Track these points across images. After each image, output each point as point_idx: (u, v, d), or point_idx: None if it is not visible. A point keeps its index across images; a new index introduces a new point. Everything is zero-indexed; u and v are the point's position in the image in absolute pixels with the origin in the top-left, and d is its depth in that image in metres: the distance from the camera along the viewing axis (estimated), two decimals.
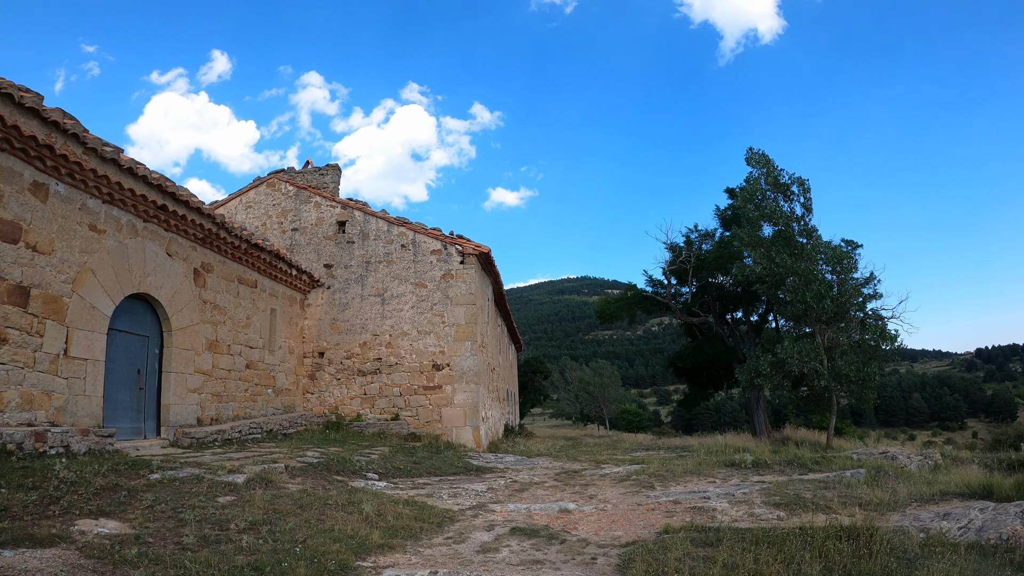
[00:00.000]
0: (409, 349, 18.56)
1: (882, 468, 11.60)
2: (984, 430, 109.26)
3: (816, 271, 21.80)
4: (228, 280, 15.53)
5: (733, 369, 31.02)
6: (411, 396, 18.27)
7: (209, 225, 14.09)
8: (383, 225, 19.74)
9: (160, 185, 12.14)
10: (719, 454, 15.19)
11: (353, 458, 12.23)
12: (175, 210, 12.82)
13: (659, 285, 32.93)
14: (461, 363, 18.11)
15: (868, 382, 21.56)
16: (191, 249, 14.03)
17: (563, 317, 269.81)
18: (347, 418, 18.36)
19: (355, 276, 19.47)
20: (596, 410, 74.20)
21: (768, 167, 23.88)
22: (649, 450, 18.79)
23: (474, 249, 18.70)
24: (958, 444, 70.36)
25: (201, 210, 13.67)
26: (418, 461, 13.38)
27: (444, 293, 18.67)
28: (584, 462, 15.23)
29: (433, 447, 15.95)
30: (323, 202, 20.46)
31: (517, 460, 15.58)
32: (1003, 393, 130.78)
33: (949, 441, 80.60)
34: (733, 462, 12.51)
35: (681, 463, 12.96)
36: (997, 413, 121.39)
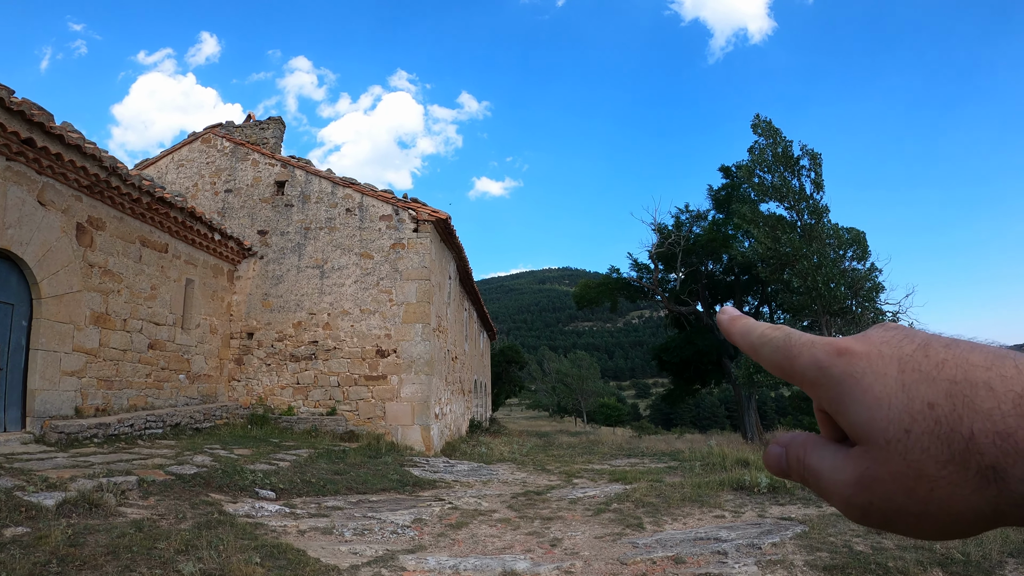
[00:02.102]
0: (350, 331, 15.60)
1: None
2: None
3: (827, 254, 19.06)
4: (127, 241, 12.54)
5: (723, 364, 28.26)
6: (351, 387, 15.32)
7: (95, 170, 11.08)
8: (327, 186, 16.74)
9: (24, 112, 9.13)
10: (717, 468, 12.44)
11: (251, 467, 9.42)
12: (46, 147, 9.85)
13: (644, 270, 29.92)
14: (410, 349, 15.16)
15: None
16: (74, 199, 11.07)
17: (543, 307, 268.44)
18: (277, 411, 15.43)
19: (292, 245, 16.48)
20: (574, 402, 71.84)
21: (776, 137, 21.08)
22: (631, 456, 15.99)
23: (430, 215, 15.74)
24: None
25: (83, 150, 10.63)
26: (342, 471, 10.53)
27: (393, 266, 15.71)
28: (553, 473, 12.41)
29: (371, 450, 13.11)
30: (261, 160, 17.44)
31: (471, 469, 12.71)
32: None
33: None
34: (742, 483, 9.68)
35: (674, 483, 10.13)
36: None
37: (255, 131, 18.54)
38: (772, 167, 20.76)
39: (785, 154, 20.73)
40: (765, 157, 21.02)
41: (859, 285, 19.43)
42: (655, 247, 27.77)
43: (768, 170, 20.82)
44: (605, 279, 30.36)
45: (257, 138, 18.38)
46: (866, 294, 19.57)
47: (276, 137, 18.61)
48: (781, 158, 20.69)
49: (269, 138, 18.43)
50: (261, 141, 18.29)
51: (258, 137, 18.41)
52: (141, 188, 12.31)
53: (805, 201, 20.21)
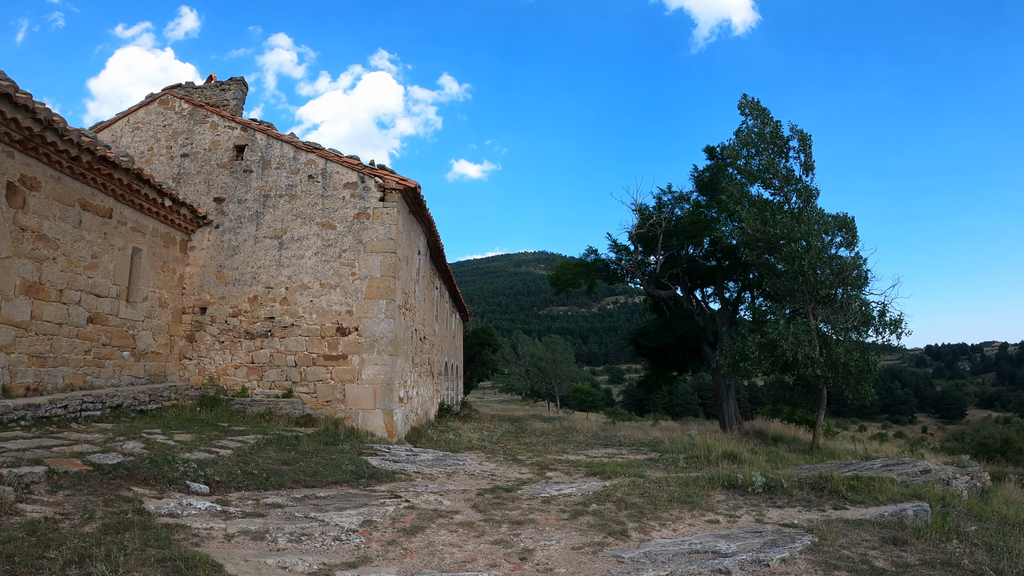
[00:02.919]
0: (309, 307, 14.46)
1: (946, 501, 8.08)
2: (933, 425, 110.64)
3: (816, 239, 18.18)
4: (65, 204, 11.35)
5: (702, 351, 27.41)
6: (308, 367, 14.20)
7: (28, 123, 9.86)
8: (288, 151, 15.52)
9: None
10: (702, 462, 11.56)
11: (186, 456, 8.35)
12: None
13: (624, 252, 28.78)
14: (373, 327, 14.05)
15: (867, 374, 18.07)
16: (4, 156, 9.89)
17: (518, 291, 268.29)
18: (230, 392, 14.28)
19: (250, 213, 15.27)
20: (547, 387, 71.10)
21: (764, 118, 20.12)
22: (608, 445, 15.08)
23: (398, 183, 14.60)
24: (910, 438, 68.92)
25: (13, 99, 9.41)
26: (291, 460, 9.47)
27: (356, 237, 14.57)
28: (525, 465, 11.43)
29: (328, 436, 12.06)
30: (220, 122, 16.16)
31: (436, 459, 11.68)
32: (952, 391, 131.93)
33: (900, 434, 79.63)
34: (733, 482, 8.74)
35: (658, 479, 9.17)
36: (947, 410, 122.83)
37: (215, 92, 17.20)
38: (760, 148, 19.81)
39: (774, 135, 19.79)
40: (752, 138, 20.07)
41: (846, 272, 18.57)
42: (635, 228, 26.69)
43: (756, 151, 19.87)
44: (582, 260, 29.10)
45: (217, 100, 17.07)
46: (853, 282, 18.72)
47: (237, 99, 17.30)
48: (770, 138, 19.75)
49: (230, 99, 17.11)
50: (222, 103, 16.99)
51: (218, 99, 17.09)
52: (81, 145, 11.09)
53: (794, 183, 19.29)
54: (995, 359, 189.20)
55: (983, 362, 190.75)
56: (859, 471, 10.25)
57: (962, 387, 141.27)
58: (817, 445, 18.91)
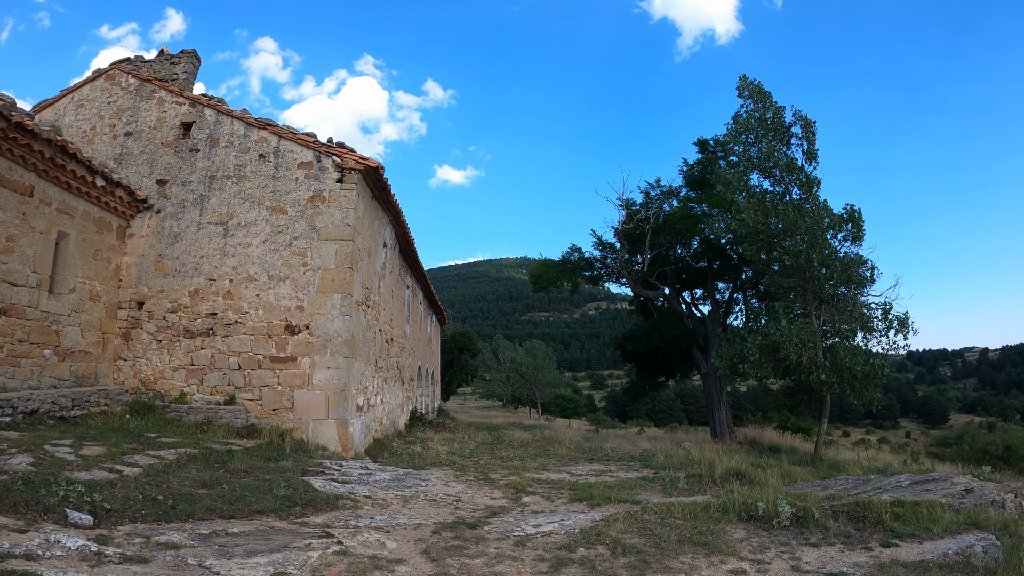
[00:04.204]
0: (255, 302, 12.67)
1: (1009, 529, 6.47)
2: (917, 430, 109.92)
3: (820, 232, 16.61)
4: None
5: (692, 355, 25.74)
6: (253, 370, 12.39)
7: None
8: (239, 128, 13.75)
9: None
10: (705, 481, 9.90)
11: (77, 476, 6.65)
12: None
13: (609, 249, 27.06)
14: (326, 325, 12.26)
15: (874, 379, 16.53)
16: None
17: (500, 296, 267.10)
18: (168, 397, 12.49)
19: (194, 196, 13.47)
20: (528, 393, 69.46)
21: (765, 102, 18.52)
22: (594, 460, 13.39)
23: (358, 162, 12.85)
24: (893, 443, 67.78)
25: None
26: (215, 481, 7.73)
27: (310, 223, 12.80)
28: (498, 486, 9.71)
29: (270, 450, 10.32)
30: (168, 98, 14.37)
31: (394, 479, 9.94)
32: (935, 396, 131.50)
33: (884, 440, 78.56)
34: (753, 512, 7.05)
35: (659, 507, 7.46)
36: (929, 415, 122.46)
37: (165, 66, 15.36)
38: (760, 134, 18.22)
39: (776, 120, 18.20)
40: (752, 124, 18.47)
41: (852, 269, 17.01)
42: (621, 224, 24.94)
43: (756, 137, 18.28)
44: (565, 259, 27.14)
45: (166, 74, 15.23)
46: (859, 280, 17.16)
47: (188, 72, 15.45)
48: (771, 124, 18.16)
49: (179, 73, 15.26)
50: (170, 77, 15.16)
51: (167, 73, 15.26)
52: None
53: (796, 172, 17.71)
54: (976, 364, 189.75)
55: (964, 367, 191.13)
56: (892, 492, 8.62)
57: (944, 392, 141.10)
58: (819, 455, 17.35)
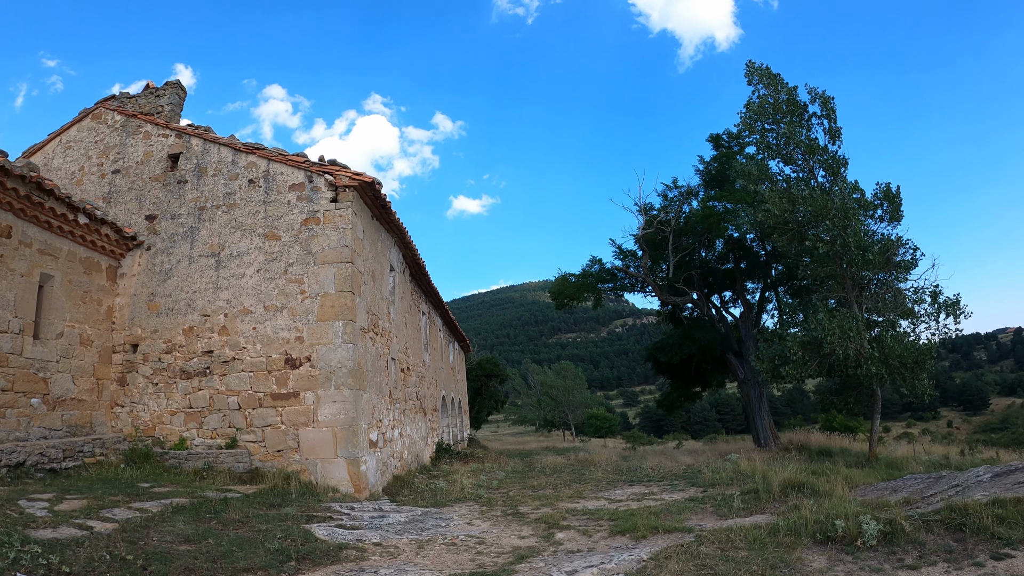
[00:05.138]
0: (252, 335, 11.70)
1: None
2: (958, 419, 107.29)
3: (853, 214, 15.40)
4: None
5: (727, 361, 24.43)
6: (254, 410, 11.39)
7: None
8: (227, 155, 12.91)
9: None
10: (761, 496, 8.73)
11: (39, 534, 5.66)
12: None
13: (631, 257, 25.89)
14: (328, 356, 11.24)
15: (923, 367, 15.17)
16: None
17: (526, 321, 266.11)
18: (167, 444, 11.53)
19: (184, 230, 12.62)
20: (561, 415, 68.10)
21: (776, 84, 17.41)
22: (633, 482, 12.22)
23: (352, 178, 11.91)
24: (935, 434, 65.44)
25: None
26: (202, 535, 6.71)
27: (305, 247, 11.85)
28: (528, 521, 8.60)
29: (274, 496, 9.30)
30: (154, 131, 13.64)
31: (411, 520, 8.86)
32: (972, 382, 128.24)
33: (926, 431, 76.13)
34: (829, 532, 5.91)
35: (717, 534, 6.33)
36: (969, 401, 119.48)
37: (150, 100, 14.69)
38: (776, 118, 17.08)
39: (791, 102, 17.06)
40: (765, 109, 17.34)
41: (892, 252, 15.75)
42: (641, 229, 23.70)
43: (772, 122, 17.15)
44: (586, 272, 25.75)
45: (151, 107, 14.54)
46: (898, 265, 15.87)
47: (173, 104, 14.73)
48: (786, 107, 17.02)
49: (164, 106, 14.54)
50: (156, 110, 14.45)
51: (152, 107, 14.56)
52: None
53: (819, 154, 16.54)
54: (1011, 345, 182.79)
55: (999, 349, 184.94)
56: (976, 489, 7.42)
57: (981, 377, 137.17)
58: (874, 454, 16.00)
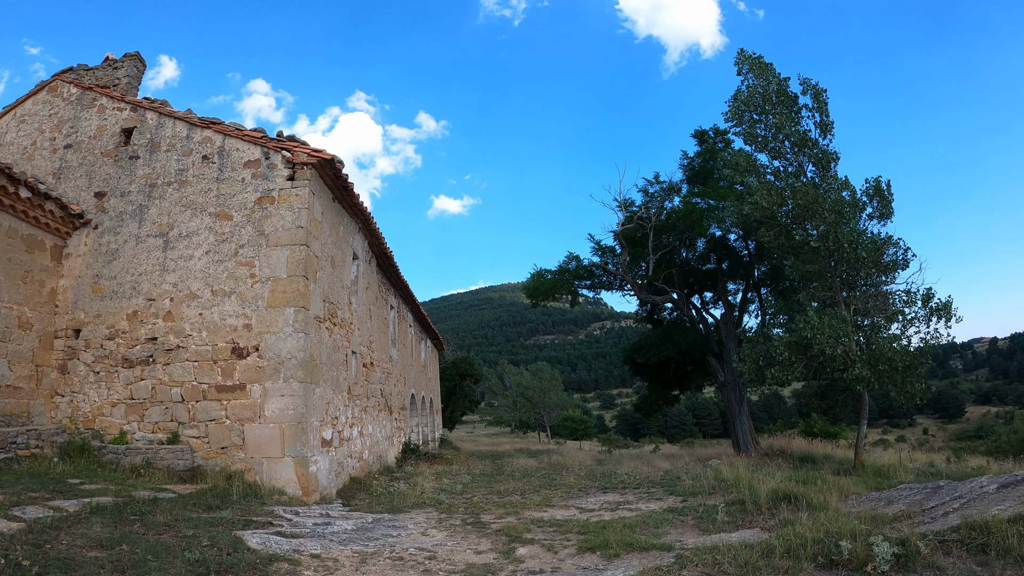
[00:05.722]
0: (198, 322, 10.73)
1: None
2: (934, 426, 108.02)
3: (843, 209, 14.69)
4: None
5: (707, 363, 23.66)
6: (198, 402, 10.41)
7: None
8: (181, 129, 11.94)
9: None
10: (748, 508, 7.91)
11: None
12: None
13: (610, 254, 25.06)
14: (277, 345, 10.29)
15: (916, 370, 14.49)
16: None
17: (504, 322, 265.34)
18: (107, 437, 10.54)
19: (133, 208, 11.62)
20: (536, 417, 67.32)
21: (767, 74, 16.66)
22: (607, 488, 11.37)
23: (311, 155, 10.98)
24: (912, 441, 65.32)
25: None
26: (118, 540, 5.84)
27: (257, 228, 10.89)
28: (488, 533, 7.71)
29: (213, 497, 8.39)
30: (109, 104, 12.66)
31: (359, 528, 7.95)
32: (948, 390, 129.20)
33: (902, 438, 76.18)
34: (834, 555, 5.09)
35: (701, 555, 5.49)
36: (945, 409, 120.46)
37: (107, 72, 13.73)
38: (765, 110, 16.33)
39: (781, 92, 16.32)
40: (754, 100, 16.59)
41: (881, 251, 15.02)
42: (621, 225, 22.90)
43: (761, 113, 16.39)
44: (563, 268, 24.75)
45: (108, 80, 13.57)
46: (887, 265, 15.15)
47: (131, 76, 13.75)
48: (776, 98, 16.27)
49: (121, 78, 13.56)
50: (112, 83, 13.48)
51: (109, 79, 13.59)
52: None
53: (809, 146, 15.81)
54: (987, 355, 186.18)
55: (975, 359, 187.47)
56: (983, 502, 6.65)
57: (957, 385, 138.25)
58: (860, 462, 15.30)
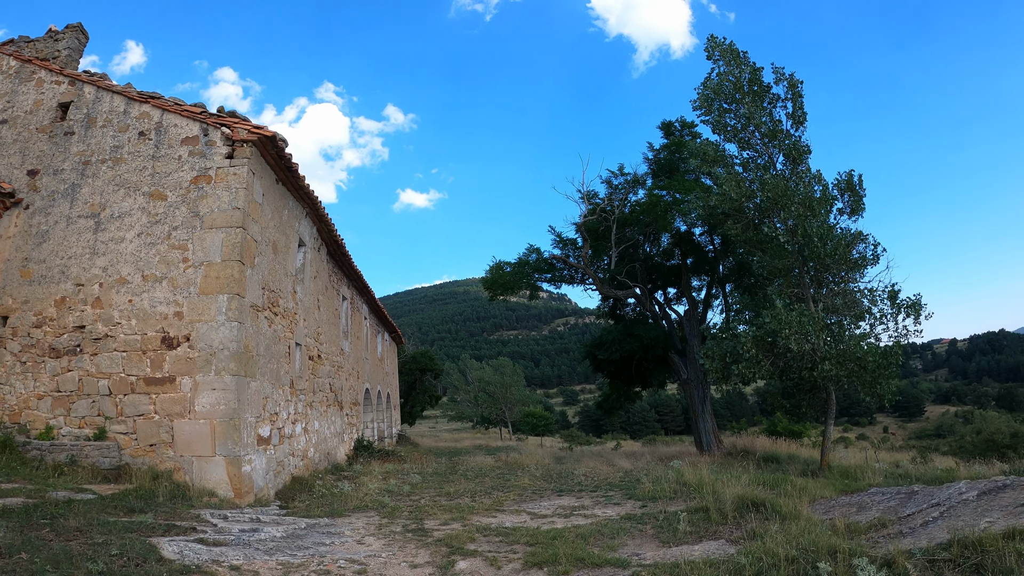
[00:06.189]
0: (127, 309, 9.88)
1: None
2: (894, 424, 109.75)
3: (814, 203, 14.22)
4: None
5: (669, 361, 23.16)
6: (126, 396, 9.56)
7: None
8: (119, 104, 11.04)
9: None
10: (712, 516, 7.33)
11: None
12: None
13: (571, 246, 24.35)
14: (210, 335, 9.48)
15: (887, 370, 14.10)
16: None
17: (467, 317, 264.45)
18: (32, 432, 9.65)
19: (66, 187, 10.70)
20: (498, 412, 66.62)
21: (740, 62, 16.12)
22: (562, 491, 10.74)
23: (251, 132, 10.17)
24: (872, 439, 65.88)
25: None
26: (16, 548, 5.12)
27: (192, 208, 10.06)
28: (429, 541, 7.02)
29: (137, 499, 7.64)
30: (47, 78, 11.72)
31: (287, 537, 7.20)
32: (908, 389, 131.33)
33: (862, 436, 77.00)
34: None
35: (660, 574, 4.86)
36: (905, 408, 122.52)
37: (48, 44, 12.80)
38: (736, 99, 15.79)
39: (754, 80, 15.78)
40: (724, 88, 16.05)
41: (851, 247, 14.58)
42: (583, 217, 22.26)
43: (732, 102, 15.86)
44: (523, 261, 24.25)
45: (49, 52, 12.64)
46: (856, 263, 14.70)
47: (71, 48, 12.82)
48: (747, 87, 15.74)
49: (62, 50, 12.65)
50: (52, 55, 12.56)
51: (50, 51, 12.66)
52: None
53: (781, 138, 15.31)
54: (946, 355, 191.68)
55: (934, 359, 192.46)
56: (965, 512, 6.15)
57: (917, 385, 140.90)
58: (827, 463, 14.83)
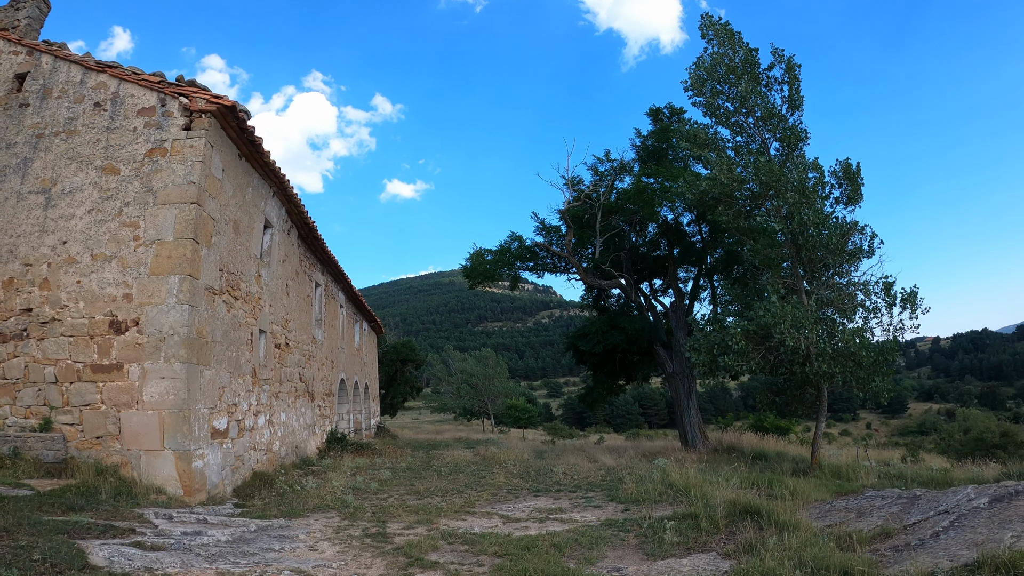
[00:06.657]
0: (75, 291, 9.12)
1: None
2: (877, 421, 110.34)
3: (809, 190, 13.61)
4: None
5: (655, 353, 22.52)
6: (73, 384, 8.82)
7: None
8: (76, 74, 10.24)
9: None
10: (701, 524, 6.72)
11: None
12: None
13: (555, 233, 23.60)
14: (160, 319, 8.74)
15: (882, 367, 13.54)
16: None
17: (452, 308, 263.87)
18: None
19: (18, 161, 9.89)
20: (481, 404, 66.13)
21: (734, 43, 15.44)
22: (540, 490, 10.10)
23: (210, 101, 9.41)
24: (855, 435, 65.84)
25: None
26: None
27: (145, 183, 9.30)
28: (387, 551, 6.35)
29: (79, 496, 7.05)
30: (5, 48, 10.91)
31: (233, 541, 6.51)
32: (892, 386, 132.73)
33: (845, 432, 77.17)
34: None
35: None
36: (888, 404, 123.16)
37: (8, 13, 11.95)
38: (731, 81, 15.11)
39: (748, 61, 15.10)
40: (717, 70, 15.37)
41: (847, 237, 13.99)
42: (568, 204, 21.55)
43: (725, 83, 15.19)
44: (504, 248, 23.38)
45: (8, 22, 11.79)
46: (852, 254, 14.11)
47: (32, 17, 11.94)
48: (742, 68, 15.06)
49: (22, 19, 11.79)
50: (12, 24, 11.72)
51: (9, 21, 11.82)
52: None
53: (776, 121, 14.68)
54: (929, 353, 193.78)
55: (917, 357, 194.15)
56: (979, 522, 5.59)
57: (900, 382, 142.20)
58: (817, 462, 14.29)
